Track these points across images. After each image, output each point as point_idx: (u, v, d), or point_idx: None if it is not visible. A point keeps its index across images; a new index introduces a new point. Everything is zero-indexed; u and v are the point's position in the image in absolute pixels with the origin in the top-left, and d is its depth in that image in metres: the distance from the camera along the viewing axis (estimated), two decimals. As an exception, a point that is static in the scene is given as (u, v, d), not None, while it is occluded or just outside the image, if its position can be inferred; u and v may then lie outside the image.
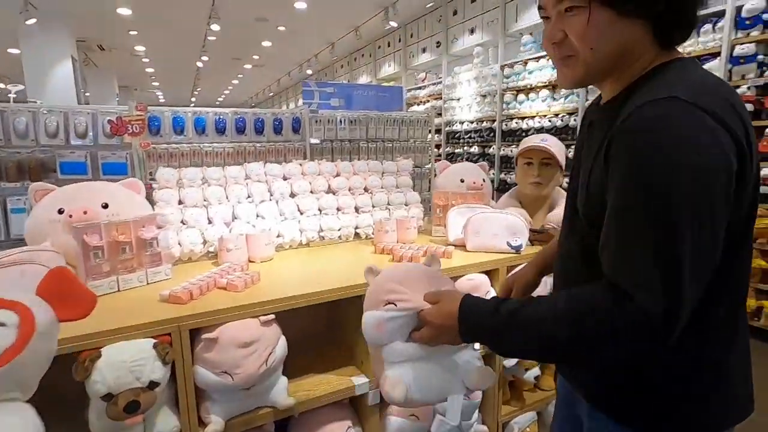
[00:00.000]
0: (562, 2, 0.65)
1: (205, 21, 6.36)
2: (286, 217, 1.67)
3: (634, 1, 0.62)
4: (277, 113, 3.20)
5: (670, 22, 0.64)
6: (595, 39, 0.64)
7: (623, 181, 0.59)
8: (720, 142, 0.56)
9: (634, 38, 0.65)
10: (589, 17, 0.63)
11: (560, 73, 0.71)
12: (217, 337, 1.01)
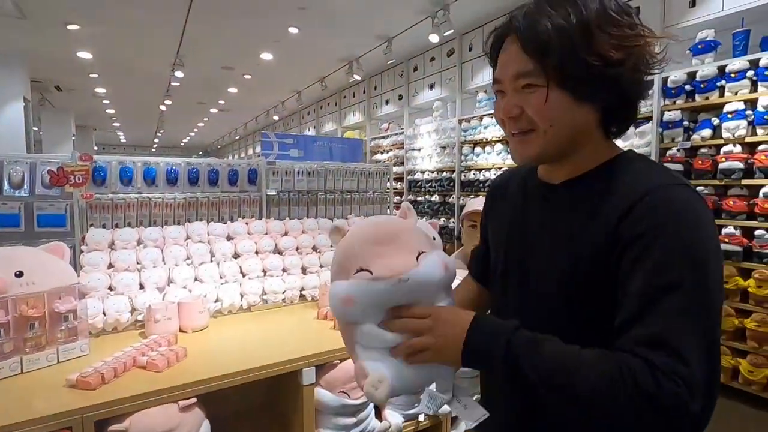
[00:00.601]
0: (519, 80, 0.66)
1: (169, 67, 6.39)
2: (226, 280, 1.60)
3: (589, 87, 0.64)
4: (233, 164, 3.17)
5: (617, 113, 0.68)
6: (552, 117, 0.66)
7: (666, 259, 0.57)
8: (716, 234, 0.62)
9: (586, 123, 0.67)
10: (547, 97, 0.64)
11: (516, 147, 0.71)
12: (126, 428, 0.92)
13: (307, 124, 9.85)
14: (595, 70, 0.62)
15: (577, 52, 0.62)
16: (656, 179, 0.62)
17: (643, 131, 3.37)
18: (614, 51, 0.62)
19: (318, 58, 6.43)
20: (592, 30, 0.63)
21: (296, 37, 5.44)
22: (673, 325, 0.55)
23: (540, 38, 0.64)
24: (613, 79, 0.63)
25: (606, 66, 0.62)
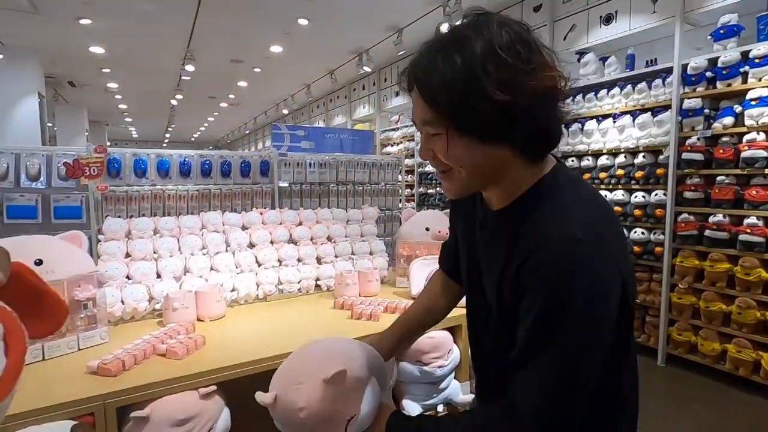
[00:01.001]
0: (425, 127, 0.69)
1: (180, 61, 6.40)
2: (242, 269, 1.59)
3: (487, 129, 0.64)
4: (245, 156, 3.17)
5: (530, 144, 0.67)
6: (459, 160, 0.68)
7: (544, 317, 0.62)
8: (613, 286, 0.63)
9: (501, 158, 0.68)
10: (448, 143, 0.67)
11: (443, 183, 0.75)
12: (148, 415, 0.91)
13: (317, 117, 9.83)
14: (487, 115, 0.63)
15: (467, 100, 0.62)
16: (556, 230, 0.63)
17: (662, 120, 3.29)
18: (501, 93, 0.61)
19: (327, 51, 6.39)
20: (477, 75, 0.62)
21: (306, 29, 5.41)
22: (530, 388, 0.64)
23: (432, 90, 0.66)
24: (510, 118, 0.63)
25: (497, 108, 0.62)
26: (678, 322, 3.26)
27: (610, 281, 0.63)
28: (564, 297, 0.61)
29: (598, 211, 0.68)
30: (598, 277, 0.62)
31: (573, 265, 0.61)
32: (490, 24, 0.64)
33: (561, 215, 0.65)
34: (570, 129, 3.96)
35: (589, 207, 0.68)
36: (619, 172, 3.62)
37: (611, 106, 3.66)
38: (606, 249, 0.63)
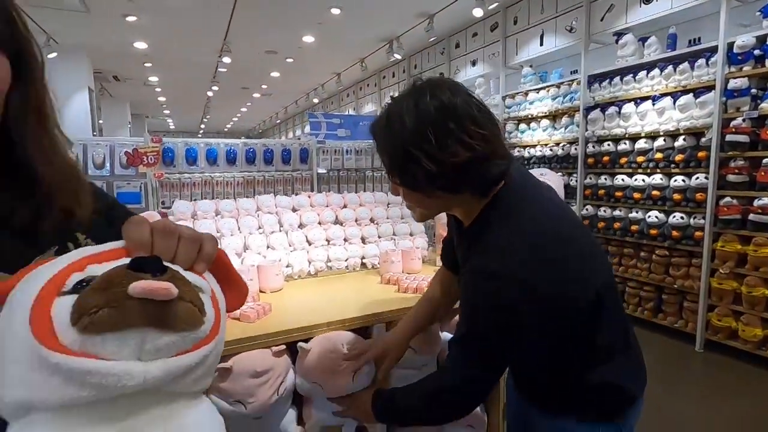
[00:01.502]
0: (390, 174, 0.87)
1: (216, 54, 6.63)
2: (295, 247, 1.73)
3: (428, 190, 0.82)
4: (286, 144, 3.32)
5: (472, 190, 0.83)
6: (414, 203, 0.89)
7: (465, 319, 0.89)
8: (519, 308, 0.80)
9: (447, 200, 0.84)
10: (402, 193, 0.86)
11: (412, 214, 0.96)
12: (230, 366, 1.05)
13: (347, 105, 9.93)
14: (423, 181, 0.78)
15: (406, 169, 0.79)
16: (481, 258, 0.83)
17: (704, 101, 3.20)
18: (431, 165, 0.75)
19: (358, 39, 6.45)
20: (409, 150, 0.76)
21: (338, 18, 5.48)
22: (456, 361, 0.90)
23: (383, 151, 0.84)
24: (442, 180, 0.78)
25: (427, 176, 0.77)
26: (718, 307, 3.21)
27: (517, 303, 0.79)
28: (471, 315, 0.86)
29: (525, 240, 0.81)
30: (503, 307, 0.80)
31: (481, 295, 0.83)
32: (420, 95, 0.79)
33: (492, 244, 0.83)
34: (606, 112, 3.90)
35: (519, 237, 0.81)
36: (657, 156, 3.55)
37: (650, 88, 3.58)
38: (519, 274, 0.78)
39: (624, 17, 3.87)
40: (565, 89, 4.39)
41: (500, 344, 0.85)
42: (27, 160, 0.45)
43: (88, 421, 0.30)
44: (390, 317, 1.30)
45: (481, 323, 0.84)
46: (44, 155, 0.46)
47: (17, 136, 0.45)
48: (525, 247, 0.80)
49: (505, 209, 0.84)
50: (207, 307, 0.36)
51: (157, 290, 0.30)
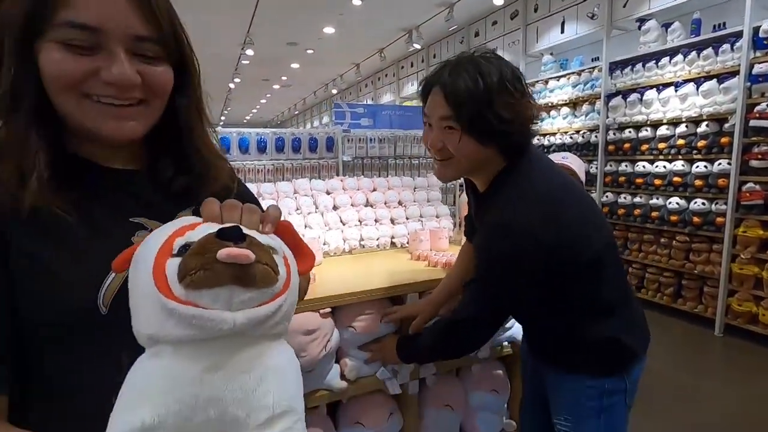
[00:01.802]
0: (443, 121, 0.94)
1: (239, 46, 6.79)
2: (330, 227, 1.86)
3: (488, 136, 0.93)
4: (313, 132, 3.44)
5: (510, 150, 0.97)
6: (463, 152, 0.94)
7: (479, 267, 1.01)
8: (529, 256, 0.92)
9: (489, 155, 0.96)
10: (460, 139, 0.93)
11: (439, 169, 1.02)
12: (286, 324, 1.20)
13: (365, 95, 10.02)
14: (493, 125, 0.90)
15: (482, 111, 0.89)
16: (493, 214, 0.96)
17: (728, 87, 3.21)
18: (507, 112, 0.89)
19: (378, 29, 6.52)
20: (493, 96, 0.89)
21: (358, 9, 5.56)
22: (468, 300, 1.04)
23: (457, 97, 0.90)
24: (505, 132, 0.91)
25: (500, 123, 0.89)
26: (738, 292, 3.25)
27: (525, 255, 0.92)
28: (486, 260, 0.97)
29: (534, 198, 0.94)
30: (514, 254, 0.92)
31: (493, 244, 0.95)
32: (498, 64, 0.93)
33: (503, 202, 0.95)
34: (628, 99, 3.92)
35: (528, 195, 0.94)
36: (679, 142, 3.57)
37: (673, 74, 3.58)
38: (528, 227, 0.90)
39: (647, 3, 3.86)
40: (586, 76, 4.40)
41: (507, 290, 0.97)
42: (188, 146, 0.59)
43: (197, 354, 0.39)
44: (422, 288, 1.43)
45: (491, 270, 0.96)
46: (199, 143, 0.60)
47: (182, 128, 0.59)
48: (534, 205, 0.92)
49: (518, 174, 0.97)
50: (280, 266, 0.42)
51: (238, 256, 0.37)
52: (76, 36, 0.46)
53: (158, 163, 0.60)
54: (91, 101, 0.49)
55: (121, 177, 0.57)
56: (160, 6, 0.51)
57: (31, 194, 0.47)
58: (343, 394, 1.33)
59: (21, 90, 0.48)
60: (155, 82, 0.52)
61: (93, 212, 0.52)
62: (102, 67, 0.48)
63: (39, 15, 0.46)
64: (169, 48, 0.53)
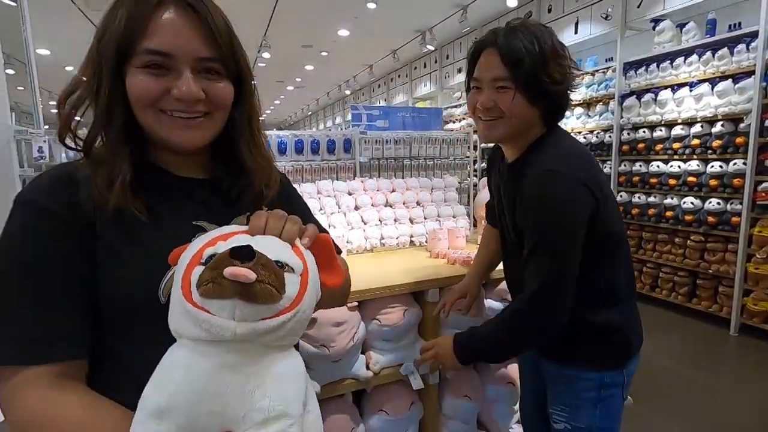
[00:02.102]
0: (497, 82, 0.98)
1: (256, 49, 6.93)
2: (353, 226, 1.95)
3: (539, 96, 0.98)
4: (331, 135, 3.55)
5: (553, 113, 1.03)
6: (514, 111, 0.98)
7: (533, 228, 0.98)
8: (582, 200, 0.94)
9: (534, 116, 1.01)
10: (514, 97, 0.97)
11: (485, 129, 1.04)
12: (316, 317, 1.29)
13: (378, 96, 10.11)
14: (545, 86, 0.96)
15: (537, 72, 0.95)
16: (541, 164, 0.97)
17: (744, 87, 3.21)
18: (558, 74, 0.96)
19: (391, 31, 6.60)
20: (547, 58, 0.95)
21: (373, 11, 5.65)
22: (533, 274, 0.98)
23: (515, 56, 0.95)
24: (554, 93, 0.97)
25: (552, 84, 0.96)
26: (754, 292, 3.25)
27: (578, 198, 0.93)
28: (539, 213, 0.95)
29: (575, 154, 1.00)
30: (568, 195, 0.93)
31: (546, 188, 0.95)
32: (548, 31, 1.00)
33: (545, 157, 0.99)
34: (642, 99, 3.93)
35: (569, 152, 1.00)
36: (694, 142, 3.58)
37: (688, 74, 3.59)
38: (576, 174, 0.93)
39: (662, 3, 3.87)
40: (600, 77, 4.42)
41: (567, 242, 0.94)
42: (240, 154, 0.68)
43: (210, 353, 0.46)
44: (443, 284, 1.51)
45: (548, 222, 0.94)
46: (251, 152, 0.68)
47: (235, 137, 0.67)
48: (577, 160, 0.98)
49: (556, 137, 1.03)
50: (289, 284, 0.46)
51: (239, 275, 0.41)
52: (153, 60, 0.56)
53: (219, 172, 0.69)
54: (165, 115, 0.59)
55: (188, 184, 0.67)
56: (221, 31, 0.60)
57: (115, 197, 0.57)
58: (368, 384, 1.42)
59: (114, 108, 0.58)
60: (217, 96, 0.61)
61: (163, 214, 0.62)
62: (173, 85, 0.58)
63: (126, 45, 0.56)
64: (229, 66, 0.62)
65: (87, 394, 0.54)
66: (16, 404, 0.51)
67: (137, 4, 0.56)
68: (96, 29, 0.59)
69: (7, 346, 0.52)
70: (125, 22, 0.55)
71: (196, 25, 0.58)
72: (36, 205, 0.56)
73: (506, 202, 1.10)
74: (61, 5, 4.93)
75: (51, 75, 8.16)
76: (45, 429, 0.50)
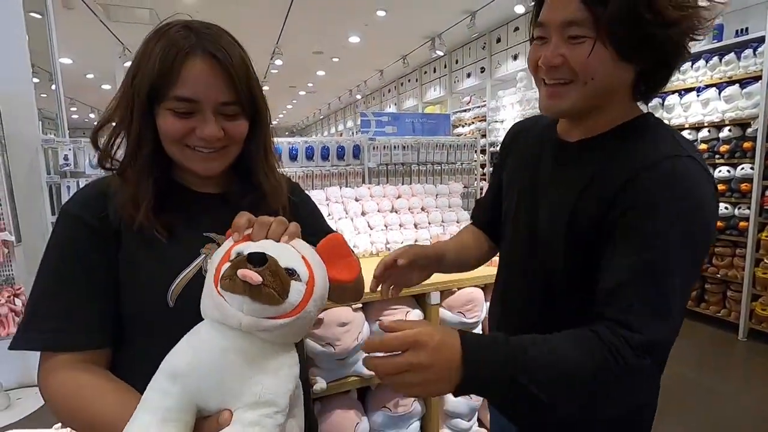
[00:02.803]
0: (568, 28, 0.64)
1: (269, 56, 7.10)
2: (359, 231, 2.04)
3: (636, 45, 0.62)
4: (340, 141, 3.65)
5: (653, 75, 0.66)
6: (594, 70, 0.64)
7: (654, 236, 0.59)
8: (717, 209, 0.66)
9: (622, 81, 0.66)
10: (593, 49, 0.62)
11: (550, 97, 0.70)
12: (323, 317, 1.38)
13: (388, 100, 10.21)
14: (647, 28, 0.60)
15: (637, 6, 0.59)
16: (663, 150, 0.63)
17: (751, 92, 3.22)
18: (672, 9, 0.59)
19: (401, 37, 6.70)
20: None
21: (383, 20, 5.76)
22: (647, 305, 0.58)
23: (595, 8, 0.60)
24: (661, 40, 0.61)
25: (659, 25, 0.60)
26: (762, 296, 3.25)
27: (714, 202, 0.63)
28: (682, 211, 0.59)
29: (692, 144, 0.67)
30: (710, 194, 0.62)
31: (691, 180, 0.60)
32: None
33: (669, 140, 0.65)
34: (649, 104, 3.95)
35: (686, 140, 0.67)
36: (702, 147, 3.59)
37: (695, 79, 3.61)
38: (701, 164, 0.63)
39: (669, 9, 3.88)
40: (608, 82, 4.43)
41: (691, 268, 0.62)
42: (256, 176, 0.77)
43: (224, 335, 0.52)
44: (443, 287, 1.59)
45: (684, 236, 0.59)
46: (264, 173, 0.77)
47: (250, 162, 0.77)
48: (691, 144, 0.67)
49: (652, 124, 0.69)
50: (294, 291, 0.51)
51: (247, 276, 0.49)
52: (182, 106, 0.66)
53: (233, 188, 0.78)
54: (189, 149, 0.69)
55: (204, 199, 0.76)
56: (240, 77, 0.69)
57: (141, 218, 0.67)
58: (372, 381, 1.50)
59: (143, 139, 0.68)
60: (234, 134, 0.71)
61: (179, 227, 0.71)
62: (197, 126, 0.67)
63: (158, 88, 0.66)
64: (245, 107, 0.71)
65: (107, 374, 0.64)
66: (49, 383, 0.62)
67: (169, 51, 0.64)
68: (130, 66, 0.68)
69: (45, 335, 0.63)
70: (158, 68, 0.64)
71: (219, 73, 0.66)
72: (73, 218, 0.67)
73: (555, 194, 0.73)
74: (82, 17, 5.13)
75: (72, 83, 8.45)
76: (71, 398, 0.60)
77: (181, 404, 0.50)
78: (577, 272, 0.68)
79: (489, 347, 0.55)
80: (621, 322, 0.58)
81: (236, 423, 0.48)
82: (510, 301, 0.84)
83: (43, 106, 4.15)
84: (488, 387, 0.55)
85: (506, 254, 0.87)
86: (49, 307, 0.64)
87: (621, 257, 0.61)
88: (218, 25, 0.77)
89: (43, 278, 0.65)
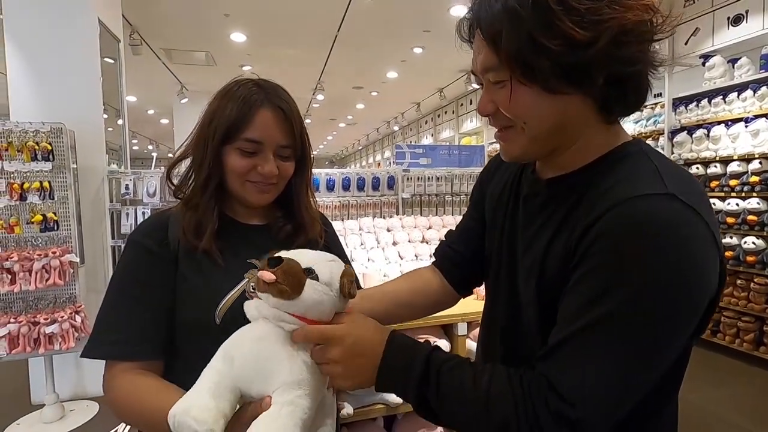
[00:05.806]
0: (487, 74, 0.59)
1: (311, 91, 7.50)
2: (390, 261, 2.10)
3: (559, 76, 0.53)
4: (375, 172, 3.78)
5: (614, 95, 0.56)
6: (522, 113, 0.57)
7: (612, 286, 0.51)
8: (713, 266, 0.52)
9: (570, 113, 0.57)
10: (511, 92, 0.56)
11: (501, 145, 0.65)
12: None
13: (425, 132, 10.39)
14: (561, 57, 0.52)
15: (534, 38, 0.51)
16: (638, 187, 0.53)
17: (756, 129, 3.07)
18: (580, 30, 0.50)
19: (438, 72, 6.90)
20: (550, 7, 0.51)
21: (420, 56, 5.98)
22: (579, 369, 0.51)
23: (494, 27, 0.54)
24: (587, 62, 0.52)
25: (573, 49, 0.51)
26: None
27: (709, 255, 0.51)
28: (648, 263, 0.49)
29: (690, 179, 0.57)
30: (695, 243, 0.50)
31: (662, 225, 0.49)
32: None
33: (647, 175, 0.54)
34: (694, 135, 3.83)
35: (680, 173, 0.56)
36: (753, 179, 3.42)
37: (743, 109, 3.49)
38: (705, 212, 0.51)
39: (711, 39, 3.82)
40: (648, 112, 4.36)
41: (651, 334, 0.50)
42: (297, 209, 0.88)
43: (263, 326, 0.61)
44: (470, 318, 1.60)
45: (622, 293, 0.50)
46: (305, 206, 0.88)
47: (293, 196, 0.87)
48: (688, 180, 0.56)
49: (637, 154, 0.59)
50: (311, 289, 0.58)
51: (262, 275, 0.57)
52: (249, 146, 0.78)
53: (276, 220, 0.89)
54: (249, 183, 0.80)
55: (249, 230, 0.87)
56: (296, 123, 0.81)
57: (205, 242, 0.77)
58: (398, 409, 1.52)
59: (212, 175, 0.80)
60: (285, 173, 0.82)
61: (227, 254, 0.81)
62: (258, 164, 0.78)
63: (232, 132, 0.78)
64: (297, 149, 0.83)
65: (161, 379, 0.73)
66: (111, 386, 0.72)
67: (245, 104, 0.77)
68: (205, 113, 0.81)
69: (110, 347, 0.73)
70: (235, 114, 0.77)
71: (282, 121, 0.79)
72: (137, 244, 0.79)
73: (530, 238, 0.65)
74: (147, 59, 5.69)
75: (134, 117, 9.27)
76: (131, 397, 0.70)
77: (228, 382, 0.59)
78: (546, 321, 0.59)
79: (409, 357, 0.59)
80: (551, 385, 0.52)
81: (275, 404, 0.56)
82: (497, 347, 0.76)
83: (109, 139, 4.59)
84: (398, 393, 0.60)
85: (488, 290, 0.81)
86: (113, 322, 0.75)
87: (565, 314, 0.55)
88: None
89: (110, 297, 0.76)
